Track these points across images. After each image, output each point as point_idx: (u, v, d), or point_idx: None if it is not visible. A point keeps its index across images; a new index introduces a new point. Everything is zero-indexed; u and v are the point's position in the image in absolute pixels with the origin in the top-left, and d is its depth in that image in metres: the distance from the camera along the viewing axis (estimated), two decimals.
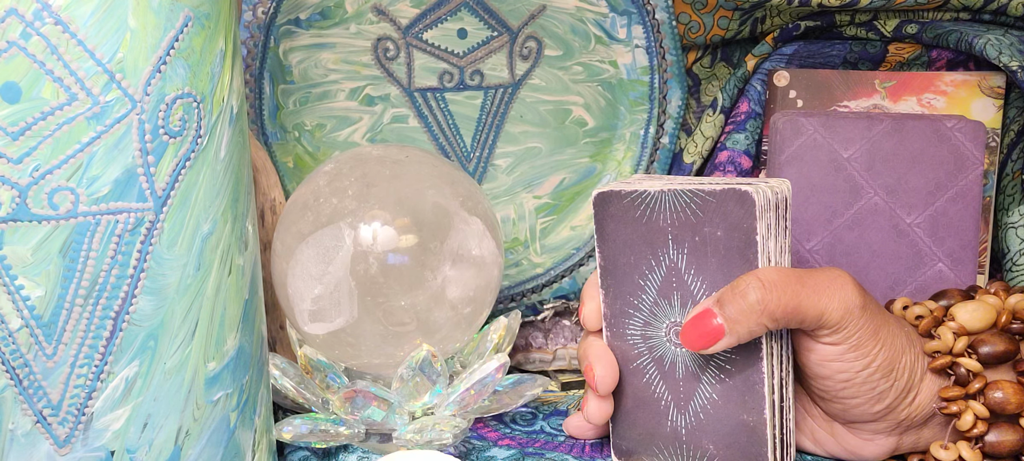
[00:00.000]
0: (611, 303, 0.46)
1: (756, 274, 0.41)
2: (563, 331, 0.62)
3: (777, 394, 0.43)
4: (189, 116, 0.36)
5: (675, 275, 0.43)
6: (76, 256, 0.35)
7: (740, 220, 0.41)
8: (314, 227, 0.49)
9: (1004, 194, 0.62)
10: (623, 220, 0.44)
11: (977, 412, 0.43)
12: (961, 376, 0.43)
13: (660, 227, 0.43)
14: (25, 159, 0.34)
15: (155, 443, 0.37)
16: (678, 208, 0.42)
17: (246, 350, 0.40)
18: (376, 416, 0.48)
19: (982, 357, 0.44)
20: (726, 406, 0.43)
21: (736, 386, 0.43)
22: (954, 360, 0.44)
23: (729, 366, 0.43)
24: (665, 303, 0.44)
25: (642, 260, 0.44)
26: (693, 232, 0.42)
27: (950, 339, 0.44)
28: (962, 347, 0.44)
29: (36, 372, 0.36)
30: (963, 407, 0.43)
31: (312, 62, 0.60)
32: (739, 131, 0.63)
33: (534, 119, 0.63)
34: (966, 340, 0.44)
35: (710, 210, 0.42)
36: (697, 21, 0.65)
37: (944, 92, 0.60)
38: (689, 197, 0.42)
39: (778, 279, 0.41)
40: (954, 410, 0.43)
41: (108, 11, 0.34)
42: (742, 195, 0.41)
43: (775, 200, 0.42)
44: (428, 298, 0.49)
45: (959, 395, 0.43)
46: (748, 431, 0.43)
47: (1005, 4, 0.59)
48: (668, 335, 0.44)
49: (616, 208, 0.44)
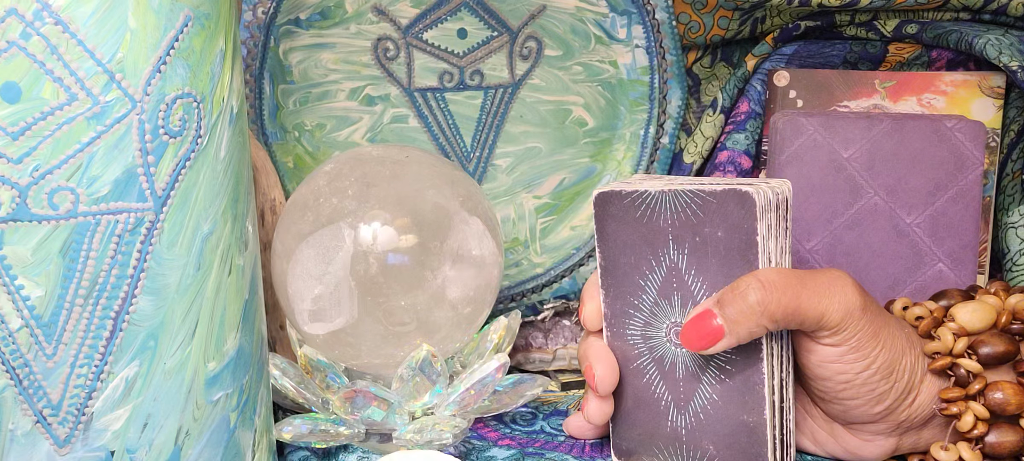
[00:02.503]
0: (611, 303, 0.46)
1: (756, 275, 0.41)
2: (563, 331, 0.62)
3: (777, 395, 0.43)
4: (189, 116, 0.36)
5: (675, 275, 0.43)
6: (76, 256, 0.35)
7: (741, 221, 0.41)
8: (314, 227, 0.49)
9: (1004, 194, 0.62)
10: (623, 220, 0.44)
11: (977, 413, 0.43)
12: (961, 377, 0.43)
13: (660, 227, 0.43)
14: (25, 159, 0.34)
15: (155, 443, 0.37)
16: (679, 208, 0.42)
17: (246, 350, 0.40)
18: (376, 416, 0.48)
19: (982, 358, 0.43)
20: (726, 407, 0.43)
21: (736, 387, 0.43)
22: (954, 361, 0.44)
23: (729, 367, 0.43)
24: (665, 303, 0.44)
25: (642, 260, 0.44)
26: (693, 232, 0.42)
27: (950, 340, 0.44)
28: (962, 348, 0.43)
29: (36, 372, 0.36)
30: (963, 408, 0.43)
31: (312, 62, 0.60)
32: (739, 131, 0.63)
33: (534, 119, 0.63)
34: (966, 341, 0.44)
35: (711, 211, 0.42)
36: (697, 21, 0.65)
37: (944, 92, 0.60)
38: (690, 197, 0.42)
39: (778, 280, 0.41)
40: (954, 411, 0.43)
41: (108, 11, 0.34)
42: (743, 196, 0.41)
43: (776, 201, 0.42)
44: (428, 298, 0.49)
45: (959, 396, 0.43)
46: (748, 431, 0.43)
47: (1005, 4, 0.59)
48: (668, 335, 0.44)
49: (617, 208, 0.44)
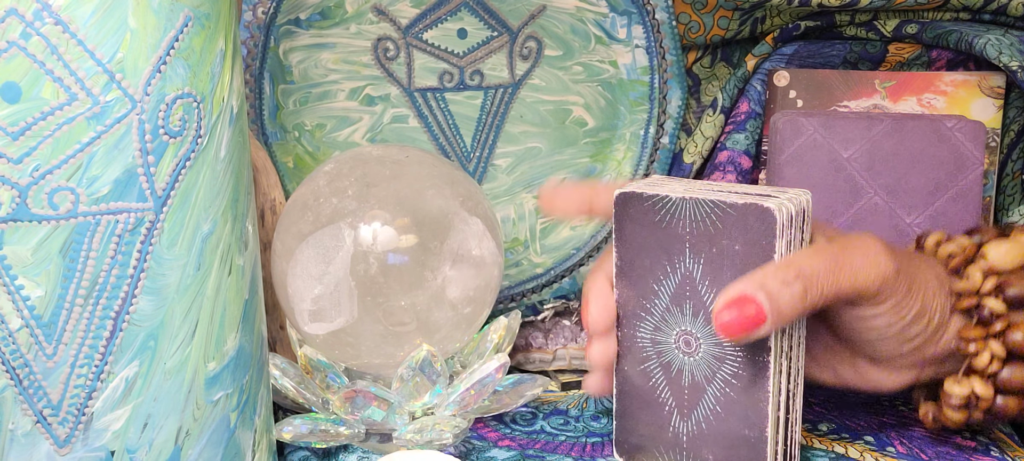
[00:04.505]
0: (624, 303, 0.46)
1: (796, 264, 0.40)
2: (563, 331, 0.62)
3: (783, 410, 0.43)
4: (189, 116, 0.36)
5: (689, 284, 0.43)
6: (76, 256, 0.35)
7: (760, 236, 0.41)
8: (314, 227, 0.49)
9: (1004, 194, 0.62)
10: (642, 222, 0.44)
11: (995, 352, 0.43)
12: (984, 317, 0.43)
13: (678, 234, 0.43)
14: (25, 159, 0.34)
15: (155, 443, 0.37)
16: (698, 218, 0.42)
17: (246, 350, 0.40)
18: (376, 416, 0.48)
19: (1008, 298, 0.43)
20: (729, 419, 0.43)
21: (740, 401, 0.43)
22: (980, 301, 0.44)
23: (735, 381, 0.43)
24: (677, 310, 0.44)
25: (657, 265, 0.44)
26: (711, 243, 0.42)
27: (978, 279, 0.44)
28: (990, 288, 0.43)
29: (36, 372, 0.36)
30: (982, 347, 0.43)
31: (312, 62, 0.60)
32: (739, 131, 0.63)
33: (534, 119, 0.63)
34: (995, 280, 0.44)
35: (730, 223, 0.41)
36: (697, 21, 0.65)
37: (944, 92, 0.60)
38: (710, 207, 0.42)
39: (819, 269, 0.40)
40: (973, 350, 0.43)
41: (108, 11, 0.34)
42: (764, 212, 0.40)
43: (795, 214, 0.41)
44: (428, 298, 0.49)
45: (981, 336, 0.43)
46: (749, 446, 0.43)
47: (1005, 4, 0.59)
48: (677, 343, 0.44)
49: (636, 210, 0.44)
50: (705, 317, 0.43)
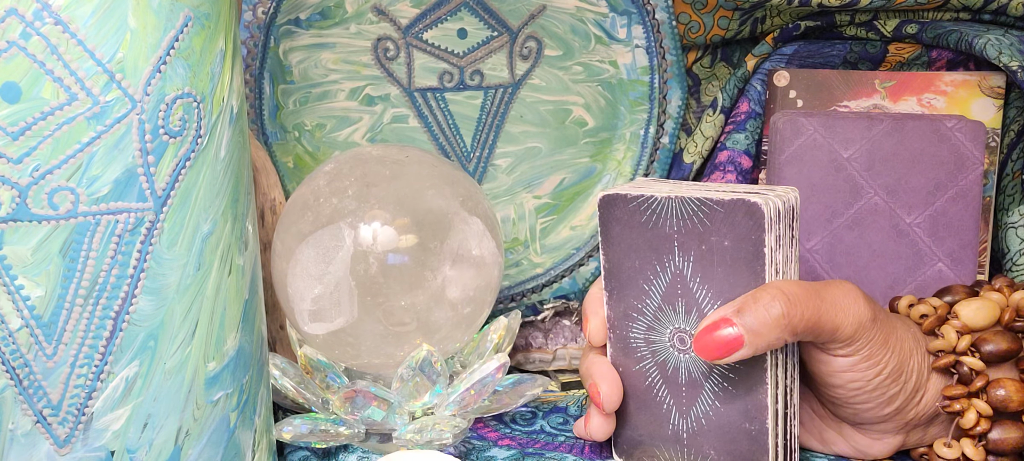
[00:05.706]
0: (615, 305, 0.46)
1: (779, 287, 0.41)
2: (563, 331, 0.62)
3: (781, 403, 0.43)
4: (189, 116, 0.36)
5: (680, 282, 0.43)
6: (76, 256, 0.35)
7: (748, 231, 0.41)
8: (314, 227, 0.49)
9: (1004, 194, 0.62)
10: (628, 224, 0.44)
11: (980, 410, 0.43)
12: (964, 375, 0.44)
13: (666, 234, 0.43)
14: (25, 159, 0.34)
15: (155, 443, 0.37)
16: (685, 216, 0.42)
17: (246, 350, 0.40)
18: (376, 416, 0.48)
19: (985, 355, 0.44)
20: (728, 414, 0.43)
21: (739, 395, 0.43)
22: (957, 359, 0.44)
23: (733, 375, 0.43)
24: (669, 309, 0.44)
25: (647, 265, 0.44)
26: (700, 241, 0.42)
27: (953, 338, 0.44)
28: (965, 346, 0.44)
29: (36, 372, 0.36)
30: (966, 405, 0.43)
31: (312, 62, 0.60)
32: (739, 131, 0.63)
33: (534, 119, 0.63)
34: (969, 338, 0.44)
35: (718, 220, 0.41)
36: (697, 21, 0.65)
37: (944, 92, 0.60)
38: (696, 205, 0.42)
39: (800, 293, 0.41)
40: (957, 408, 0.43)
41: (108, 11, 0.34)
42: (751, 207, 0.40)
43: (784, 210, 0.42)
44: (428, 298, 0.49)
45: (962, 394, 0.43)
46: (750, 439, 0.43)
47: (1005, 4, 0.59)
48: (672, 341, 0.44)
49: (621, 212, 0.44)
50: (698, 314, 0.43)
